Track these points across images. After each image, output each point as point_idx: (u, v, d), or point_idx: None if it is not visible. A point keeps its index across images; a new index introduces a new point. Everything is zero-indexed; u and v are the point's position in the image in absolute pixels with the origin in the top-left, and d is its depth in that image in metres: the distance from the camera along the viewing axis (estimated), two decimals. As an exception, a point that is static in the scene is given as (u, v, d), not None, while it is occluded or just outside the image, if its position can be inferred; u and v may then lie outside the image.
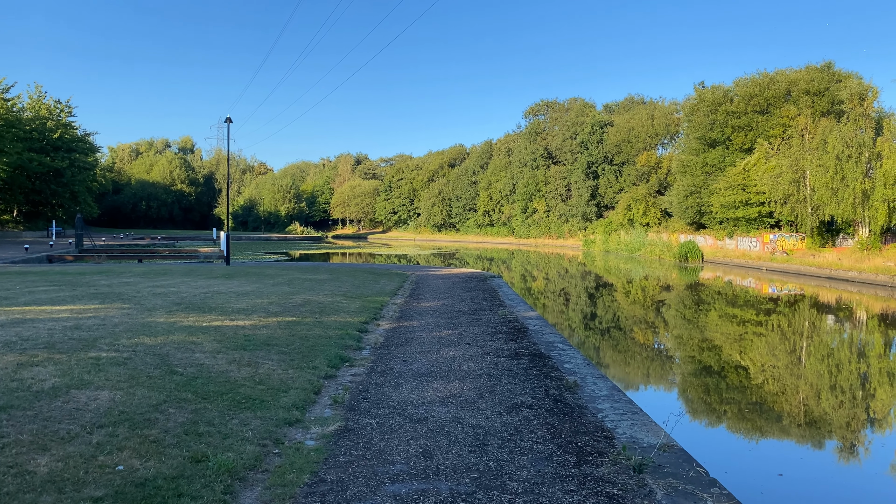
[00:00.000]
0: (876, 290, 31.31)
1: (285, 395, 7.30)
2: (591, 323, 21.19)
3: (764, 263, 44.36)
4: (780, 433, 9.63)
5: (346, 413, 6.98)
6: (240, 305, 14.02)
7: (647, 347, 16.96)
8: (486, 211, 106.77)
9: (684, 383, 12.84)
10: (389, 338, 11.52)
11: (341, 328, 11.64)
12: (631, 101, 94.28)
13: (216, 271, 25.07)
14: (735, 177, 53.30)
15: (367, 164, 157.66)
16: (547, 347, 10.83)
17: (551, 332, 12.46)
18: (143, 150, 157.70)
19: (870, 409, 11.15)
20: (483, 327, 12.86)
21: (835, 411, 10.83)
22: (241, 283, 19.46)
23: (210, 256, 47.26)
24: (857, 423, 10.31)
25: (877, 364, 14.99)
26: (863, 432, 9.86)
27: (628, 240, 67.41)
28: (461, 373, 8.87)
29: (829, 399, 11.61)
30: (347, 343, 10.51)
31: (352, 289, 18.94)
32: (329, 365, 8.93)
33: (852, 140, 41.06)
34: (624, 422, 6.86)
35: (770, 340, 17.88)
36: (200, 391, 7.12)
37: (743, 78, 59.17)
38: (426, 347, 10.67)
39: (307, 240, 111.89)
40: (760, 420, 10.23)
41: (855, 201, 40.19)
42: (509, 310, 15.57)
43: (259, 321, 11.88)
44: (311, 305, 14.50)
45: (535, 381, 8.46)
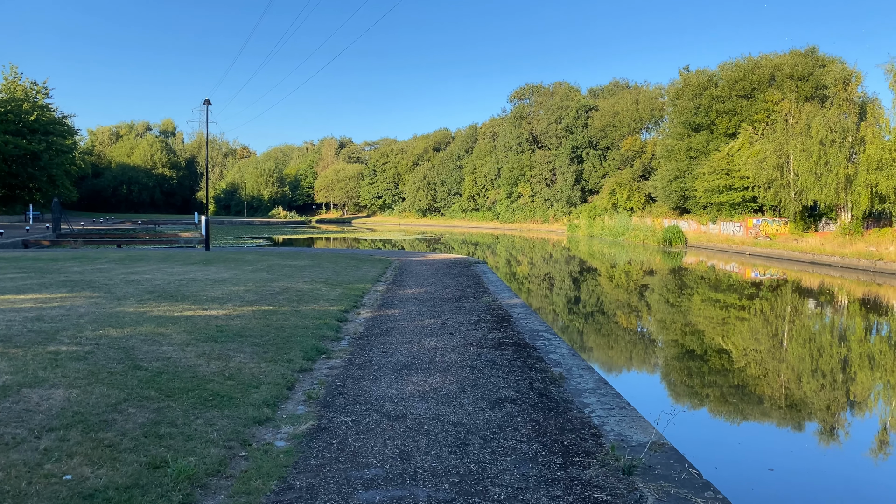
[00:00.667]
0: (858, 275, 31.39)
1: (256, 391, 6.91)
2: (576, 309, 20.96)
3: (747, 248, 44.43)
4: (768, 423, 9.41)
5: (321, 410, 6.62)
6: (215, 293, 13.56)
7: (632, 335, 16.74)
8: (471, 195, 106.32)
9: (670, 372, 12.61)
10: (370, 327, 11.14)
11: (320, 317, 11.25)
12: (616, 85, 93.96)
13: (194, 257, 24.51)
14: (719, 161, 53.23)
15: (351, 148, 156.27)
16: (531, 337, 10.52)
17: (536, 321, 12.15)
18: (124, 133, 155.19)
19: (857, 397, 10.98)
20: (466, 315, 12.52)
21: (822, 399, 10.64)
22: (219, 270, 18.96)
23: (191, 241, 46.51)
24: (846, 411, 10.12)
25: (857, 349, 14.87)
26: (852, 421, 9.67)
27: (612, 224, 67.36)
28: (443, 365, 8.53)
29: (817, 387, 11.42)
30: (325, 333, 10.12)
31: (333, 275, 18.52)
32: (305, 357, 8.55)
33: (836, 125, 41.04)
34: (612, 417, 6.55)
35: (754, 326, 17.74)
36: (165, 388, 6.71)
37: (728, 62, 59.05)
38: (407, 337, 10.32)
39: (290, 224, 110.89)
40: (748, 409, 10.01)
41: (838, 186, 40.24)
42: (493, 297, 15.24)
43: (234, 310, 11.45)
44: (289, 293, 14.08)
45: (520, 374, 8.14)
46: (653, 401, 10.20)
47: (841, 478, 7.73)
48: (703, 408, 10.20)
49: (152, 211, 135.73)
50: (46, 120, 75.07)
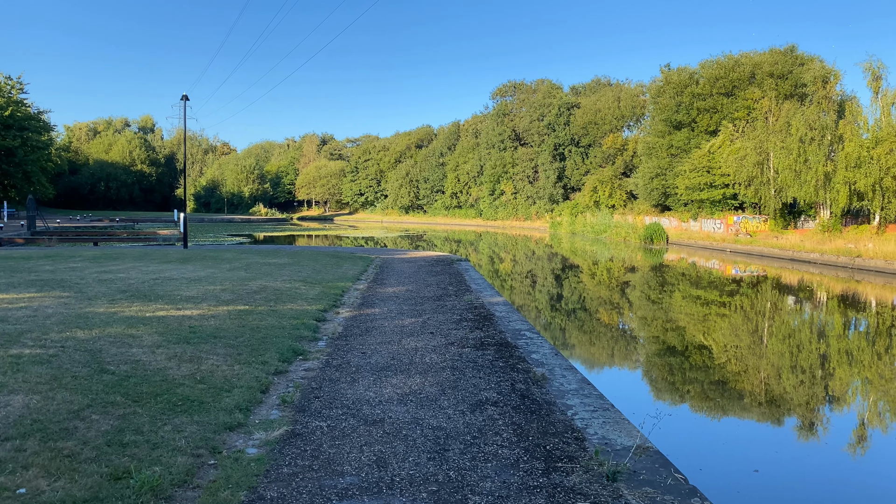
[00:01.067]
0: (837, 272, 31.64)
1: (228, 395, 6.66)
2: (559, 307, 20.86)
3: (728, 245, 44.68)
4: (752, 422, 9.33)
5: (295, 415, 6.38)
6: (190, 293, 13.23)
7: (614, 333, 16.66)
8: (453, 193, 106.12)
9: (654, 371, 12.51)
10: (349, 327, 10.90)
11: (297, 317, 10.99)
12: (598, 82, 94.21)
13: (171, 255, 24.07)
14: (700, 159, 53.53)
15: (332, 145, 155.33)
16: (514, 336, 10.35)
17: (518, 319, 11.99)
18: (102, 130, 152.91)
19: (840, 396, 10.94)
20: (448, 314, 12.32)
21: (805, 397, 10.58)
22: (196, 268, 18.59)
23: (169, 239, 45.87)
24: (829, 409, 10.07)
25: (839, 346, 14.90)
26: (835, 420, 9.61)
27: (594, 222, 67.52)
28: (423, 366, 8.32)
29: (800, 385, 11.38)
30: (302, 334, 9.87)
31: (312, 274, 18.23)
32: (280, 359, 8.30)
33: (815, 123, 41.38)
34: (595, 420, 6.39)
35: (736, 324, 17.74)
36: (132, 393, 6.44)
37: (708, 60, 59.40)
38: (387, 337, 10.09)
39: (271, 221, 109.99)
40: (732, 408, 9.92)
41: (817, 184, 40.59)
42: (475, 295, 15.06)
43: (208, 310, 11.15)
44: (266, 292, 13.79)
45: (501, 375, 7.96)
46: (636, 401, 10.08)
47: (825, 478, 7.64)
48: (686, 406, 10.10)
49: (131, 208, 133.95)
50: (21, 116, 73.63)
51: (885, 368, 12.90)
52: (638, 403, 9.88)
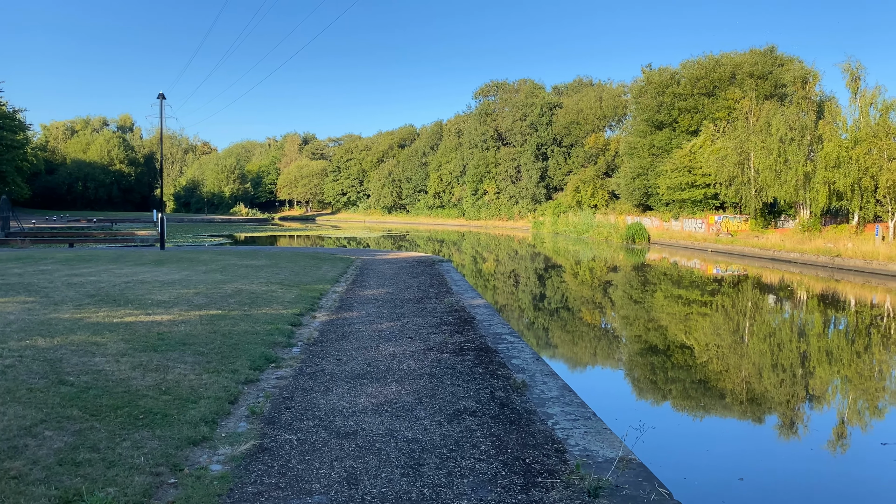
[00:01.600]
0: (817, 272, 31.82)
1: (194, 407, 6.35)
2: (541, 309, 20.68)
3: (709, 245, 44.86)
4: (736, 428, 9.18)
5: (264, 427, 6.09)
6: (162, 297, 12.85)
7: (596, 336, 16.50)
8: (436, 192, 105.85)
9: (636, 376, 12.34)
10: (325, 332, 10.61)
11: (272, 322, 10.67)
12: (580, 82, 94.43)
13: (147, 257, 23.58)
14: (681, 159, 53.75)
15: (314, 144, 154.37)
16: (494, 340, 10.12)
17: (499, 323, 11.76)
18: (80, 129, 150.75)
19: (825, 400, 10.84)
20: (428, 318, 12.07)
21: (790, 402, 10.46)
22: (171, 271, 18.17)
23: (147, 240, 45.11)
24: (813, 414, 9.95)
25: (822, 347, 14.85)
26: (820, 426, 9.49)
27: (577, 221, 67.62)
28: (400, 373, 8.06)
29: (785, 389, 11.27)
30: (276, 340, 9.56)
31: (290, 276, 17.88)
32: (251, 367, 8.00)
33: (795, 123, 41.67)
34: (577, 430, 6.17)
35: (718, 325, 17.66)
36: (91, 406, 6.12)
37: (689, 60, 59.68)
38: (364, 343, 9.82)
39: (252, 221, 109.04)
40: (715, 413, 9.77)
41: (797, 183, 40.87)
42: (456, 298, 14.82)
43: (179, 315, 10.80)
44: (241, 296, 13.44)
45: (481, 382, 7.72)
46: (619, 407, 9.89)
47: (810, 485, 7.49)
48: (669, 411, 9.93)
49: (109, 208, 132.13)
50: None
51: (871, 372, 12.85)
52: (620, 410, 9.70)
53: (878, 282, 27.70)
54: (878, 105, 37.78)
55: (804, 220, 42.30)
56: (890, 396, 10.94)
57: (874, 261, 30.28)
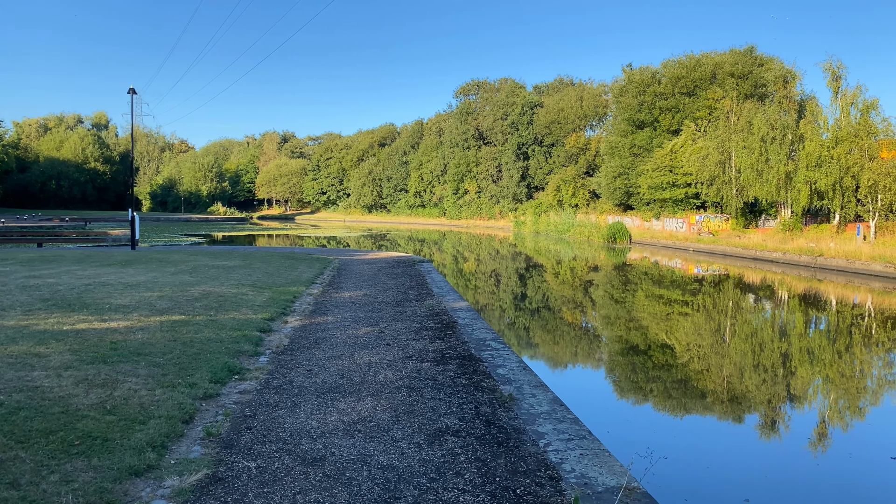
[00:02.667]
0: (799, 271, 31.63)
1: (142, 429, 5.62)
2: (525, 312, 20.08)
3: (691, 244, 44.66)
4: (739, 443, 8.62)
5: (220, 452, 5.38)
6: (122, 301, 12.02)
7: (584, 339, 15.92)
8: (417, 191, 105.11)
9: (628, 385, 11.77)
10: (296, 339, 9.89)
11: (239, 328, 9.93)
12: (560, 82, 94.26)
13: (115, 257, 22.61)
14: (662, 158, 53.57)
15: (294, 143, 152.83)
16: (478, 347, 9.47)
17: (483, 327, 11.12)
18: (53, 126, 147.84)
19: (836, 416, 10.34)
20: (407, 322, 11.39)
21: (793, 413, 9.95)
22: (137, 272, 17.28)
23: (120, 239, 43.84)
24: (821, 429, 9.44)
25: (800, 344, 14.41)
26: (833, 443, 8.97)
27: (558, 221, 67.31)
28: (376, 385, 7.38)
29: (791, 400, 10.76)
30: (242, 348, 8.82)
31: (263, 277, 17.09)
32: (212, 379, 7.26)
33: (777, 122, 41.56)
34: (572, 452, 5.53)
35: (702, 327, 17.20)
36: (19, 430, 5.36)
37: (670, 60, 59.57)
38: (338, 351, 9.12)
39: (230, 221, 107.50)
40: (716, 428, 9.21)
41: (779, 183, 40.75)
42: (437, 300, 14.16)
43: (138, 321, 10.00)
44: (209, 299, 12.65)
45: (464, 395, 7.06)
46: (613, 421, 9.29)
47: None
48: (666, 426, 9.35)
49: (84, 207, 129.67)
50: (-37, 110, 70.30)
51: (879, 381, 12.41)
52: (615, 424, 9.11)
53: (861, 281, 27.51)
54: (859, 104, 37.76)
55: (785, 219, 42.24)
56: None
57: (857, 260, 30.13)
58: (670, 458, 7.59)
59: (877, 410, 10.19)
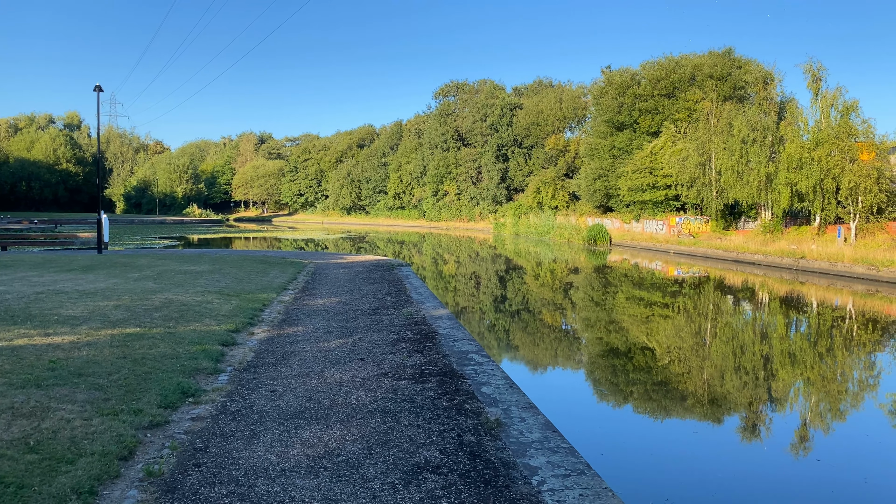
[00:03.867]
0: (782, 273, 31.38)
1: (68, 471, 4.79)
2: (508, 320, 19.37)
3: (672, 246, 44.38)
4: (740, 464, 7.98)
5: (160, 498, 4.57)
6: (73, 311, 11.08)
7: (573, 352, 15.25)
8: (396, 193, 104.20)
9: (620, 399, 11.10)
10: (262, 353, 9.06)
11: (199, 341, 9.08)
12: (540, 84, 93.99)
13: (77, 262, 21.52)
14: (642, 160, 53.32)
15: (271, 144, 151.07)
16: (460, 361, 8.73)
17: (465, 338, 10.38)
18: (24, 126, 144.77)
19: (829, 423, 9.77)
20: (384, 333, 10.62)
21: (798, 424, 9.35)
22: (98, 278, 16.28)
23: (88, 242, 42.44)
24: (829, 443, 8.84)
25: (783, 346, 13.89)
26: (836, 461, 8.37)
27: (538, 223, 66.90)
28: (347, 409, 6.60)
29: (790, 410, 10.17)
30: (200, 365, 7.97)
31: (233, 283, 16.18)
32: (162, 403, 6.43)
33: (757, 124, 41.41)
34: (570, 493, 4.80)
35: (694, 331, 16.64)
36: (-84, 476, 4.50)
37: (650, 61, 59.38)
38: (306, 367, 8.31)
39: (205, 223, 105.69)
40: (720, 449, 8.57)
41: (760, 185, 40.58)
42: (416, 307, 13.40)
43: (86, 336, 9.10)
44: (170, 308, 11.75)
45: (446, 420, 6.31)
46: (612, 448, 8.60)
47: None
48: (670, 452, 8.69)
49: (56, 209, 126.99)
50: (-74, 109, 68.09)
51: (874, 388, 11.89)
52: (613, 451, 8.43)
53: (844, 284, 27.27)
54: (839, 106, 37.67)
55: (766, 221, 42.09)
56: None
57: (839, 263, 29.92)
58: (677, 499, 6.92)
59: (858, 415, 9.65)
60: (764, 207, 43.23)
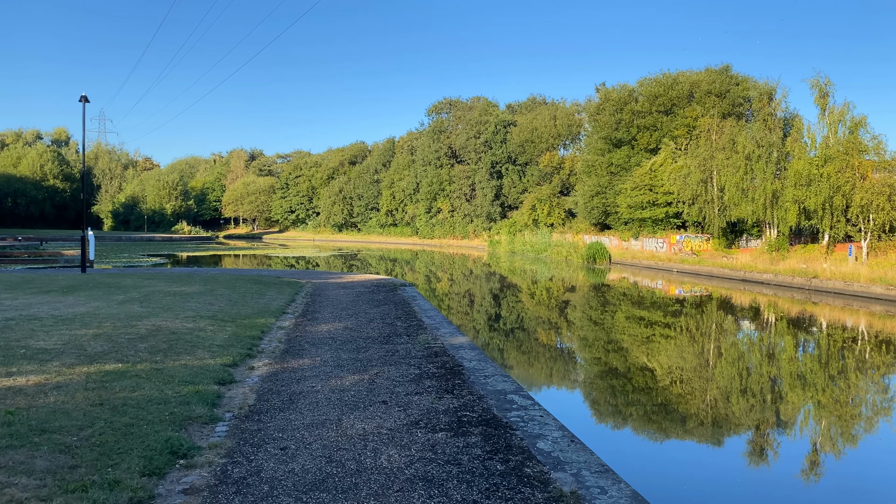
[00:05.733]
0: (792, 293, 30.31)
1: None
2: (537, 349, 17.95)
3: (675, 265, 43.31)
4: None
5: None
6: (45, 342, 9.66)
7: (621, 382, 13.91)
8: (389, 210, 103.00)
9: (706, 450, 9.77)
10: (265, 394, 7.70)
11: (191, 380, 7.71)
12: (533, 101, 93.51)
13: (58, 282, 20.05)
14: (642, 177, 52.45)
15: (262, 160, 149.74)
16: (500, 404, 7.41)
17: (496, 373, 9.06)
18: (10, 142, 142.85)
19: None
20: (403, 367, 9.29)
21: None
22: (78, 301, 14.84)
23: (73, 260, 40.89)
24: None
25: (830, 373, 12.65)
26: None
27: (534, 241, 65.85)
28: (379, 477, 5.26)
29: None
30: (193, 412, 6.61)
31: (227, 306, 14.79)
32: (145, 470, 5.07)
33: (763, 140, 40.60)
34: None
35: (734, 363, 15.39)
36: None
37: (647, 78, 58.83)
38: (320, 413, 6.96)
39: (195, 240, 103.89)
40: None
41: (765, 202, 39.65)
42: (432, 334, 12.08)
43: (57, 375, 7.70)
44: (158, 338, 10.36)
45: (507, 492, 4.98)
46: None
47: None
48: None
49: (42, 226, 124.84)
50: None
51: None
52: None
53: (861, 305, 26.19)
54: (847, 122, 36.90)
55: (771, 239, 41.11)
56: None
57: (855, 282, 28.85)
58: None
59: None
60: (769, 225, 42.29)
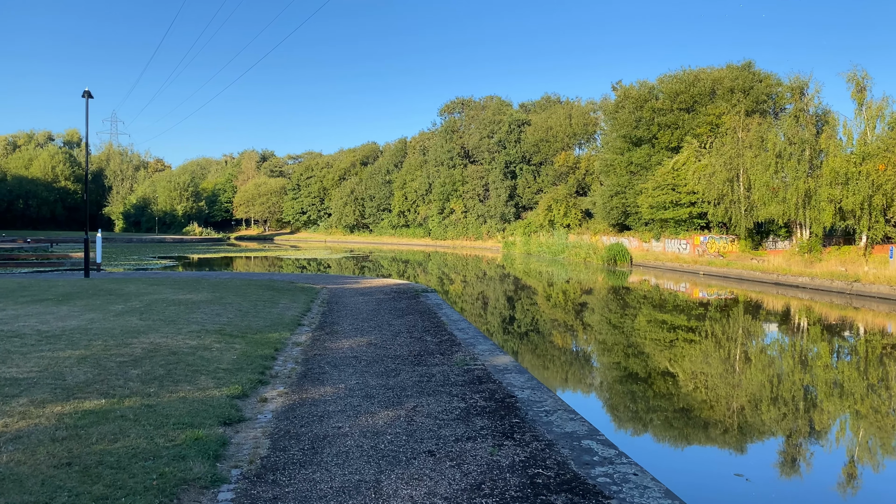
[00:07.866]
0: (831, 298, 28.58)
1: None
2: (594, 371, 15.82)
3: (701, 267, 41.57)
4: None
5: None
6: (19, 369, 8.14)
7: (714, 416, 12.23)
8: (401, 211, 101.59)
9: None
10: (281, 438, 6.20)
11: (190, 421, 6.22)
12: (548, 100, 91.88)
13: (57, 288, 18.67)
14: (664, 176, 50.67)
15: (273, 162, 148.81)
16: (576, 456, 5.87)
17: (558, 407, 7.50)
18: (22, 144, 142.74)
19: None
20: (443, 398, 7.76)
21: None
22: (72, 312, 13.40)
23: (79, 263, 39.82)
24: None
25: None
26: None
27: (550, 242, 64.22)
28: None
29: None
30: (189, 472, 5.10)
31: (236, 317, 13.32)
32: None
33: (795, 137, 38.78)
34: None
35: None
36: None
37: (667, 75, 57.14)
38: (352, 470, 5.45)
39: (206, 241, 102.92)
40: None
41: (798, 201, 37.84)
42: (468, 352, 10.55)
43: (21, 417, 6.16)
44: (154, 360, 8.87)
45: None
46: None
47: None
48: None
49: (54, 228, 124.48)
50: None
51: None
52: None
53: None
54: (886, 117, 35.06)
55: (803, 240, 39.27)
56: None
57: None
58: None
59: None
60: (801, 226, 40.45)
